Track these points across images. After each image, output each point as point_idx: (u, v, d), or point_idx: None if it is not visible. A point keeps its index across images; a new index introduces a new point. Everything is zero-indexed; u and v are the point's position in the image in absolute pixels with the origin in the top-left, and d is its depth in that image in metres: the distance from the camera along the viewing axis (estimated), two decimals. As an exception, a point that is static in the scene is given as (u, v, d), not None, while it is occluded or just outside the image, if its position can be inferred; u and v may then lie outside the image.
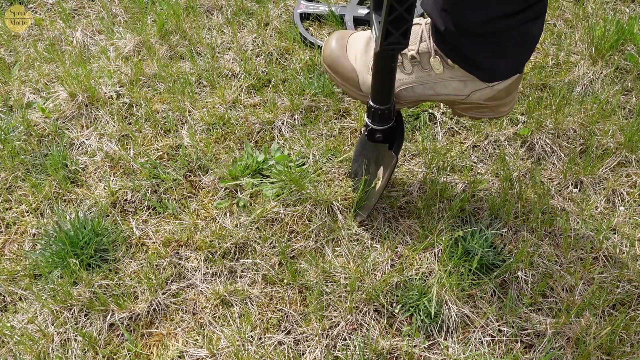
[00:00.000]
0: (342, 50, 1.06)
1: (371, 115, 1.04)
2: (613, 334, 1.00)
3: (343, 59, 1.06)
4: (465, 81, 0.99)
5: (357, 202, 1.18)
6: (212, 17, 1.71)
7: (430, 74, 0.99)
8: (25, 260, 1.17)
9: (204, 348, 1.02)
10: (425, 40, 0.98)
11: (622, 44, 1.52)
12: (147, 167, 1.29)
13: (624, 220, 1.18)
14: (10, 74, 1.55)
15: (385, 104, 1.02)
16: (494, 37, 0.91)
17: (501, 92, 1.00)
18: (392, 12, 0.82)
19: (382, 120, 1.04)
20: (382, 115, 1.03)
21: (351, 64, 1.05)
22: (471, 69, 0.96)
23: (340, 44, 1.07)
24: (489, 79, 0.98)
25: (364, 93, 1.05)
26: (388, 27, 0.85)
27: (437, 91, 1.01)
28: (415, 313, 1.05)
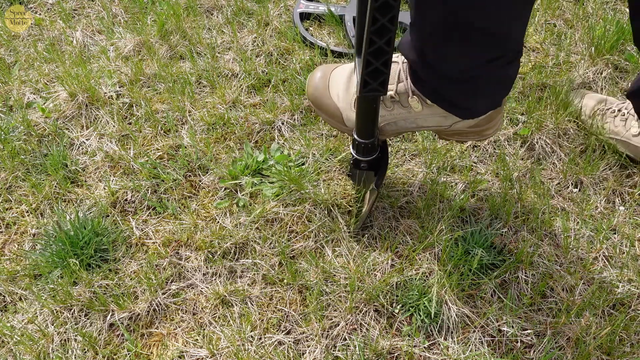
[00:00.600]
0: (325, 89, 1.09)
1: (355, 147, 1.07)
2: (613, 334, 1.00)
3: (326, 97, 1.09)
4: (446, 116, 1.01)
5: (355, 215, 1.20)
6: (212, 17, 1.71)
7: (410, 112, 1.02)
8: (25, 260, 1.17)
9: (204, 348, 1.02)
10: (403, 81, 1.00)
11: (622, 44, 1.52)
12: (147, 167, 1.29)
13: (624, 220, 1.18)
14: (10, 74, 1.55)
15: (369, 139, 1.04)
16: (473, 80, 0.93)
17: (482, 121, 1.02)
18: (368, 65, 0.84)
19: (367, 153, 1.07)
20: (366, 148, 1.06)
21: (334, 103, 1.08)
22: (450, 108, 0.99)
23: (323, 82, 1.09)
24: (468, 116, 1.00)
25: (349, 127, 1.08)
26: (366, 78, 0.87)
27: (419, 124, 1.04)
28: (415, 313, 1.05)
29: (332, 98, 1.08)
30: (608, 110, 1.29)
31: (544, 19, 1.64)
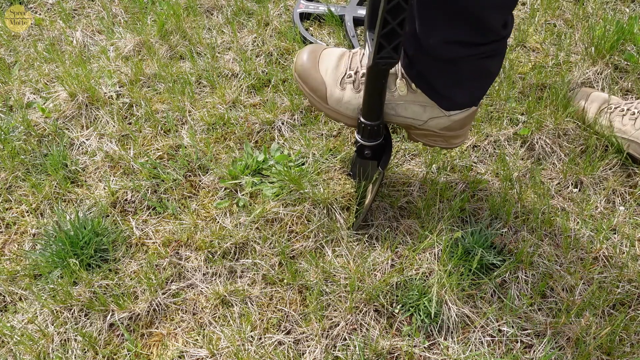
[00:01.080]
0: (314, 63, 1.12)
1: (361, 131, 1.08)
2: (613, 334, 1.00)
3: (314, 70, 1.11)
4: (425, 107, 1.05)
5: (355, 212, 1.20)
6: (212, 17, 1.71)
7: (394, 95, 1.05)
8: (25, 260, 1.17)
9: (204, 348, 1.02)
10: None
11: (622, 44, 1.52)
12: (147, 167, 1.29)
13: (624, 220, 1.18)
14: (10, 74, 1.55)
15: (375, 120, 1.06)
16: (455, 65, 0.97)
17: (456, 124, 1.06)
18: (385, 26, 0.85)
19: (372, 137, 1.09)
20: (372, 132, 1.07)
21: (321, 77, 1.11)
22: (432, 94, 1.03)
23: (313, 57, 1.12)
24: (447, 107, 1.04)
25: (329, 106, 1.11)
26: (381, 41, 0.88)
27: (398, 112, 1.07)
28: (415, 313, 1.05)
29: (320, 72, 1.11)
30: (616, 109, 1.29)
31: (544, 19, 1.64)
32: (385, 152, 1.12)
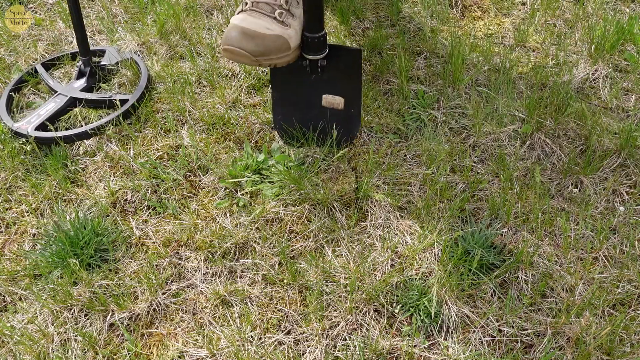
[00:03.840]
0: (255, 31, 1.10)
1: (310, 47, 1.17)
2: (613, 334, 1.00)
3: (262, 35, 1.10)
4: None
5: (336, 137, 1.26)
6: (212, 17, 1.71)
7: None
8: (25, 260, 1.17)
9: (204, 348, 1.02)
10: None
11: (622, 44, 1.52)
12: (147, 167, 1.29)
13: (624, 220, 1.18)
14: (10, 73, 1.55)
15: (322, 30, 1.15)
16: None
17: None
18: None
19: (322, 48, 1.17)
20: (320, 42, 1.16)
21: (271, 33, 1.10)
22: None
23: (245, 30, 1.10)
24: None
25: (293, 48, 1.15)
26: None
27: None
28: (415, 313, 1.05)
29: (266, 32, 1.10)
30: None
31: (544, 19, 1.64)
32: (340, 48, 1.20)
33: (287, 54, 1.13)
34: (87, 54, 1.46)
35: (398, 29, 1.62)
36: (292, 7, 1.13)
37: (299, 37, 1.14)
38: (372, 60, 1.53)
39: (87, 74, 1.47)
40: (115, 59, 1.51)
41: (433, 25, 1.62)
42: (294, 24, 1.13)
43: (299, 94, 1.26)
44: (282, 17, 1.11)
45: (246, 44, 1.07)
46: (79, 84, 1.46)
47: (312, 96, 1.26)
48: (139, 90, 1.43)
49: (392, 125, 1.37)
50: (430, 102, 1.41)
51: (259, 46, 1.08)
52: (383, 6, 1.70)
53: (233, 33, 1.09)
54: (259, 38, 1.08)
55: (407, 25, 1.64)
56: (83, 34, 1.43)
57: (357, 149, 1.32)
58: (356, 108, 1.24)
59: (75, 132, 1.36)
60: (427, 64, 1.52)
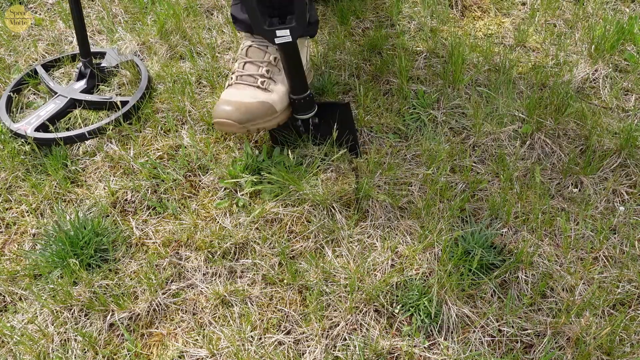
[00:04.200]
0: (239, 102, 1.19)
1: (297, 107, 1.25)
2: (613, 334, 1.00)
3: (246, 104, 1.20)
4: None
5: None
6: (212, 17, 1.71)
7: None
8: (25, 260, 1.17)
9: (204, 348, 1.02)
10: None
11: (622, 44, 1.52)
12: (147, 167, 1.29)
13: (624, 220, 1.18)
14: (10, 74, 1.55)
15: (305, 92, 1.22)
16: None
17: None
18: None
19: (310, 107, 1.25)
20: (306, 103, 1.23)
21: (256, 101, 1.20)
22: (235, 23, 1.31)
23: (232, 102, 1.20)
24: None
25: (280, 111, 1.23)
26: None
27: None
28: (415, 313, 1.05)
29: (251, 101, 1.20)
30: None
31: (544, 19, 1.64)
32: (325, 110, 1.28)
33: (275, 116, 1.22)
34: (88, 55, 1.46)
35: (398, 29, 1.62)
36: (274, 74, 1.23)
37: (284, 100, 1.23)
38: (372, 60, 1.53)
39: (87, 76, 1.47)
40: (115, 61, 1.51)
41: (433, 25, 1.62)
42: (277, 89, 1.23)
43: None
44: (265, 84, 1.21)
45: (233, 114, 1.17)
46: (79, 85, 1.46)
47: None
48: (140, 92, 1.43)
49: (392, 125, 1.37)
50: (430, 102, 1.41)
51: (245, 114, 1.18)
52: (383, 6, 1.70)
53: (221, 107, 1.19)
54: (243, 106, 1.18)
55: (407, 25, 1.64)
56: (84, 36, 1.43)
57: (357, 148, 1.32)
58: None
59: (75, 133, 1.36)
60: (427, 64, 1.52)
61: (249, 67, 1.24)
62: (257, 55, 1.24)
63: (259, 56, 1.24)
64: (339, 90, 1.45)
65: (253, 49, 1.25)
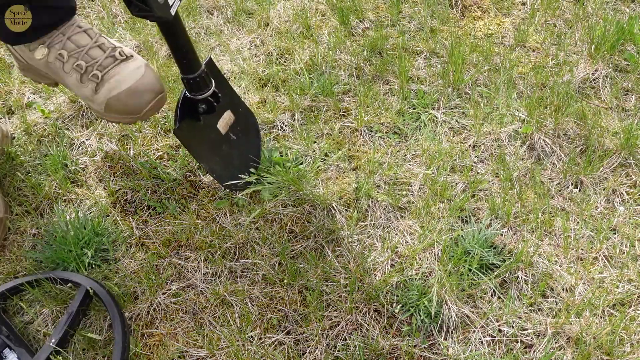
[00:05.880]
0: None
1: (190, 87, 1.07)
2: (613, 334, 1.00)
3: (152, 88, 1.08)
4: None
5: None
6: (212, 17, 1.71)
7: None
8: (25, 261, 1.17)
9: (204, 348, 1.02)
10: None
11: (622, 44, 1.52)
12: (147, 167, 1.29)
13: (624, 220, 1.18)
14: (10, 74, 1.55)
15: (197, 71, 1.05)
16: None
17: None
18: None
19: (204, 86, 1.08)
20: (201, 81, 1.06)
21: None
22: None
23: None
24: None
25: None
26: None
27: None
28: (415, 313, 1.05)
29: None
30: None
31: (544, 19, 1.64)
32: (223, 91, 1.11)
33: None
34: None
35: (398, 29, 1.62)
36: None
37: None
38: (372, 60, 1.53)
39: None
40: None
41: (433, 25, 1.62)
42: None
43: (213, 145, 1.19)
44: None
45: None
46: None
47: (220, 139, 1.20)
48: None
49: (392, 125, 1.37)
50: (430, 102, 1.41)
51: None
52: (383, 6, 1.70)
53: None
54: None
55: (407, 25, 1.64)
56: None
57: (358, 148, 1.32)
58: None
59: None
60: (427, 64, 1.52)
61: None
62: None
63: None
64: (339, 90, 1.45)
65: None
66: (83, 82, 1.03)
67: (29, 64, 1.08)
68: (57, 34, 1.03)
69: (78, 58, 1.02)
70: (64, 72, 1.03)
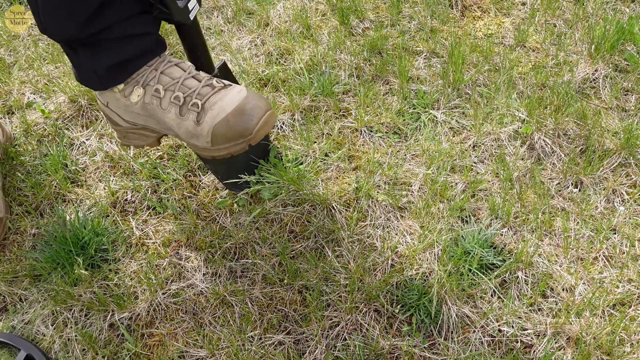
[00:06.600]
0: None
1: None
2: (613, 334, 1.00)
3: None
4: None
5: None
6: (212, 17, 1.71)
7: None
8: (25, 261, 1.17)
9: (204, 348, 1.02)
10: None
11: (622, 44, 1.52)
12: (147, 167, 1.29)
13: (624, 220, 1.18)
14: (10, 74, 1.55)
15: (210, 73, 1.08)
16: None
17: None
18: None
19: None
20: None
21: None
22: None
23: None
24: None
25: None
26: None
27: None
28: (415, 313, 1.05)
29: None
30: None
31: (544, 19, 1.64)
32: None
33: None
34: None
35: (398, 29, 1.62)
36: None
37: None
38: (372, 60, 1.53)
39: None
40: None
41: (433, 25, 1.62)
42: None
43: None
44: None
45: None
46: None
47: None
48: None
49: (392, 125, 1.37)
50: (430, 102, 1.41)
51: None
52: (383, 6, 1.70)
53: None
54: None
55: (407, 25, 1.64)
56: None
57: (358, 148, 1.32)
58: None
59: None
60: (427, 64, 1.52)
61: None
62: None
63: None
64: (339, 90, 1.45)
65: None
66: (183, 114, 0.96)
67: (126, 119, 1.03)
68: (150, 70, 0.97)
69: (174, 90, 0.96)
70: (162, 109, 0.97)
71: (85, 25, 0.88)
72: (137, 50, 0.95)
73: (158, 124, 1.00)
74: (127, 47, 0.94)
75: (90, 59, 0.94)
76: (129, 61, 0.96)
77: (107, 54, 0.93)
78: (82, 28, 0.88)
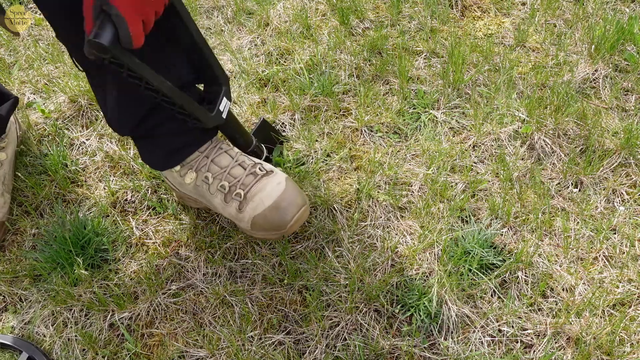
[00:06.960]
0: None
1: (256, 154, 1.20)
2: (613, 334, 1.00)
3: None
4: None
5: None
6: (212, 17, 1.71)
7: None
8: (25, 261, 1.17)
9: (204, 348, 1.02)
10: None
11: (622, 44, 1.52)
12: (147, 167, 1.29)
13: (624, 220, 1.18)
14: (10, 74, 1.55)
15: (250, 146, 1.18)
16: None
17: None
18: None
19: (257, 157, 1.18)
20: (253, 154, 1.18)
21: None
22: None
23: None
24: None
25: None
26: None
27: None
28: (415, 313, 1.05)
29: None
30: None
31: (544, 19, 1.64)
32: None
33: None
34: None
35: (398, 29, 1.62)
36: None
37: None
38: (372, 60, 1.53)
39: None
40: None
41: (433, 25, 1.62)
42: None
43: None
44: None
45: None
46: None
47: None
48: None
49: (392, 125, 1.37)
50: (430, 102, 1.41)
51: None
52: (383, 6, 1.70)
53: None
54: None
55: (407, 25, 1.64)
56: None
57: (359, 148, 1.32)
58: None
59: None
60: (427, 64, 1.52)
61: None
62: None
63: None
64: (339, 90, 1.45)
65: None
66: (227, 201, 1.07)
67: (181, 191, 1.15)
68: (202, 157, 1.09)
69: (221, 179, 1.07)
70: (210, 193, 1.08)
71: (142, 122, 1.03)
72: (188, 139, 1.08)
73: (207, 202, 1.11)
74: (179, 138, 1.07)
75: (149, 148, 1.11)
76: (182, 149, 1.08)
77: (162, 144, 1.08)
78: (139, 124, 1.04)
